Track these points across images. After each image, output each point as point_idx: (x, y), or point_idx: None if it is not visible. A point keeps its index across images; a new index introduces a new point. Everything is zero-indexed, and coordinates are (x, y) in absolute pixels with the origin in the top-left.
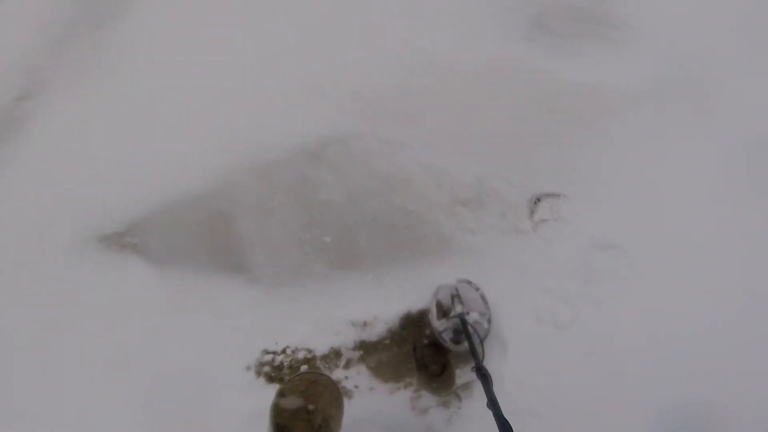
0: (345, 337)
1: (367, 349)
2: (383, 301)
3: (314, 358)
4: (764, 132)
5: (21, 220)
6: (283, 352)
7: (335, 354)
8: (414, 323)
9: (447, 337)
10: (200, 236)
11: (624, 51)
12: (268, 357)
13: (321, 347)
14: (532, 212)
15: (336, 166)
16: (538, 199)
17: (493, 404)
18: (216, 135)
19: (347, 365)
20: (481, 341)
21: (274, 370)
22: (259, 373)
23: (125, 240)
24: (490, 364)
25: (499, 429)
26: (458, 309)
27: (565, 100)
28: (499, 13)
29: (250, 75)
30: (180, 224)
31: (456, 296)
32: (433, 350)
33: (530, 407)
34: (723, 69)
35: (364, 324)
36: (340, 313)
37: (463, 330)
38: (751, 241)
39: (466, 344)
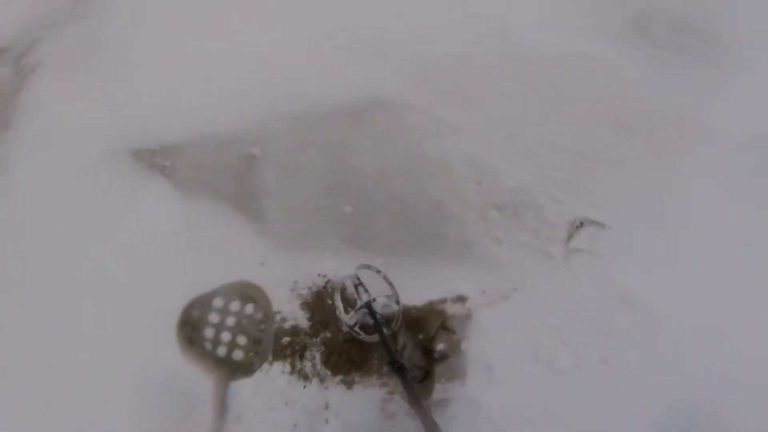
0: None
1: (354, 340)
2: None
3: (299, 333)
4: None
5: (54, 124)
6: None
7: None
8: (411, 322)
9: (359, 331)
10: (227, 175)
11: (727, 82)
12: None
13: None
14: (569, 236)
15: (379, 133)
16: (581, 224)
17: (416, 402)
18: (261, 77)
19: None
20: (393, 330)
21: None
22: None
23: (155, 160)
24: (472, 384)
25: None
26: (364, 297)
27: (641, 119)
28: (599, 2)
29: (305, 17)
30: (211, 158)
31: (359, 285)
32: (420, 354)
33: None
34: None
35: None
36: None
37: (372, 319)
38: None
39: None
